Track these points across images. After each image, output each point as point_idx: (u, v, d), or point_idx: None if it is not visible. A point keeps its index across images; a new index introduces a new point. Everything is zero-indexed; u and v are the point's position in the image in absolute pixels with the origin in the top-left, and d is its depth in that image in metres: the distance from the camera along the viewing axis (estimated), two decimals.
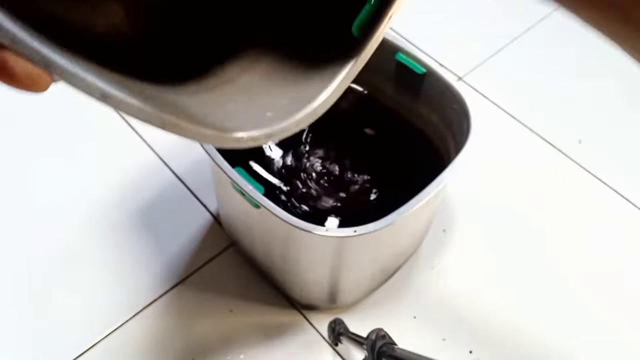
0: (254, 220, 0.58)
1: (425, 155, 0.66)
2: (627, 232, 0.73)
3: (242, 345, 0.63)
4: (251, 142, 0.23)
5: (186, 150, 0.77)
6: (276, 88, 0.26)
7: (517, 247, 0.71)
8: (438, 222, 0.72)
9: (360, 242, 0.53)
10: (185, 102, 0.23)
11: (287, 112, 0.24)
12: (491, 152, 0.79)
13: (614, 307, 0.67)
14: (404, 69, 0.62)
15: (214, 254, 0.69)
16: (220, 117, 0.23)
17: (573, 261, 0.70)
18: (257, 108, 0.25)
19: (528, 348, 0.64)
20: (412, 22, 0.94)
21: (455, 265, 0.69)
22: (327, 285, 0.60)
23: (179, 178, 0.75)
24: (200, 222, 0.72)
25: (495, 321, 0.65)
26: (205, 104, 0.24)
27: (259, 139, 0.23)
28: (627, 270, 0.70)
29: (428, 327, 0.65)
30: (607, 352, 0.64)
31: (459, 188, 0.75)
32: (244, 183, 0.50)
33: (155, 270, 0.68)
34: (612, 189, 0.76)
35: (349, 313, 0.65)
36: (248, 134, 0.23)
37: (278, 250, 0.60)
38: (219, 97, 0.25)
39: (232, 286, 0.67)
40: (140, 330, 0.63)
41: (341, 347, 0.62)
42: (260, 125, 0.23)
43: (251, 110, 0.25)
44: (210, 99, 0.24)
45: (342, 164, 0.68)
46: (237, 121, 0.23)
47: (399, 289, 0.67)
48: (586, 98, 0.84)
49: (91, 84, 0.18)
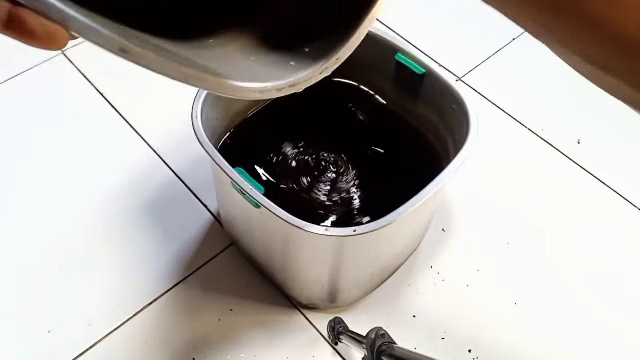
0: (254, 220, 0.58)
1: (424, 155, 0.66)
2: (626, 232, 0.73)
3: (242, 344, 0.63)
4: (275, 92, 0.23)
5: (186, 150, 0.77)
6: (295, 41, 0.25)
7: (517, 246, 0.71)
8: (438, 222, 0.72)
9: (360, 241, 0.53)
10: (204, 58, 0.23)
11: (310, 60, 0.24)
12: (490, 152, 0.79)
13: (614, 308, 0.67)
14: (403, 70, 0.62)
15: (214, 254, 0.69)
16: (242, 71, 0.23)
17: (572, 261, 0.70)
18: (280, 58, 0.24)
19: (527, 348, 0.64)
20: (411, 22, 0.94)
21: (454, 264, 0.70)
22: (327, 284, 0.60)
23: (179, 178, 0.75)
24: (200, 222, 0.72)
25: (494, 321, 0.66)
26: (223, 60, 0.24)
27: (283, 88, 0.23)
28: (627, 271, 0.70)
29: (427, 327, 0.65)
30: (607, 352, 0.64)
31: (458, 188, 0.75)
32: (244, 183, 0.50)
33: (156, 270, 0.68)
34: (612, 189, 0.77)
35: (348, 312, 0.65)
36: (273, 84, 0.23)
37: (278, 250, 0.60)
38: (237, 54, 0.24)
39: (232, 286, 0.67)
40: (141, 330, 0.63)
41: (341, 346, 0.62)
42: (283, 76, 0.23)
43: (273, 61, 0.24)
44: (227, 56, 0.24)
45: (341, 164, 0.68)
46: (259, 74, 0.23)
47: (399, 289, 0.67)
48: (586, 98, 0.84)
49: (109, 37, 0.18)
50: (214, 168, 0.53)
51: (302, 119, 0.70)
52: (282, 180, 0.66)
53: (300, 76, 0.24)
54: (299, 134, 0.69)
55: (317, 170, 0.67)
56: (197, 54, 0.23)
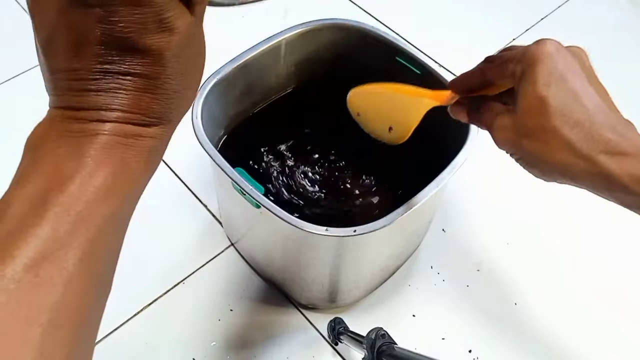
0: (254, 220, 0.58)
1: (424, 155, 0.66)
2: (627, 232, 0.73)
3: (242, 344, 0.63)
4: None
5: (186, 150, 0.77)
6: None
7: (517, 246, 0.71)
8: (438, 222, 0.72)
9: (360, 241, 0.53)
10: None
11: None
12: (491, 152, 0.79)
13: (614, 308, 0.67)
14: (403, 70, 0.62)
15: (214, 254, 0.69)
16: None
17: (573, 261, 0.70)
18: None
19: (527, 347, 0.64)
20: (411, 23, 0.94)
21: (454, 264, 0.70)
22: (327, 284, 0.60)
23: (179, 178, 0.75)
24: (200, 222, 0.72)
25: (494, 320, 0.66)
26: None
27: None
28: (627, 271, 0.70)
29: (427, 326, 0.65)
30: (607, 352, 0.64)
31: (459, 188, 0.75)
32: (244, 183, 0.50)
33: (155, 270, 0.68)
34: None
35: (348, 312, 0.65)
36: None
37: (278, 250, 0.60)
38: None
39: (232, 286, 0.67)
40: (141, 330, 0.63)
41: (341, 346, 0.62)
42: None
43: None
44: None
45: (340, 164, 0.68)
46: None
47: (399, 289, 0.67)
48: None
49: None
50: (214, 168, 0.53)
51: (302, 119, 0.70)
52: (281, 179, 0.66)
53: None
54: (298, 134, 0.69)
55: (316, 169, 0.67)
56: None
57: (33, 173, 0.22)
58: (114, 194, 0.22)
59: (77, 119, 0.22)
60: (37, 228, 0.20)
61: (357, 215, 0.64)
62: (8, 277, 0.19)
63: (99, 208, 0.22)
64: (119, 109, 0.22)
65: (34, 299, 0.20)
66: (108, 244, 0.23)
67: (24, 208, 0.21)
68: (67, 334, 0.21)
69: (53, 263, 0.20)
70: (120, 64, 0.21)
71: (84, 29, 0.21)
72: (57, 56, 0.22)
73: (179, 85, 0.23)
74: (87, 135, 0.22)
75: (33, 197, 0.21)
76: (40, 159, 0.22)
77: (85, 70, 0.21)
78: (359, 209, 0.65)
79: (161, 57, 0.22)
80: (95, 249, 0.22)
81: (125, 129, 0.22)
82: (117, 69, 0.21)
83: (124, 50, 0.21)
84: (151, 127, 0.23)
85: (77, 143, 0.22)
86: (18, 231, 0.20)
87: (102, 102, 0.22)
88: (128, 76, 0.22)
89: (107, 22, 0.20)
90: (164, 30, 0.21)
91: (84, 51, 0.21)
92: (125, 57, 0.21)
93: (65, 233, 0.21)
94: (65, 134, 0.22)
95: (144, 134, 0.23)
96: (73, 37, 0.21)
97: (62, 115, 0.22)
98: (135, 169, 0.23)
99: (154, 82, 0.22)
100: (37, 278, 0.20)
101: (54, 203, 0.21)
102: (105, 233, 0.22)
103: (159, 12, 0.21)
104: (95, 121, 0.22)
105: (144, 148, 0.23)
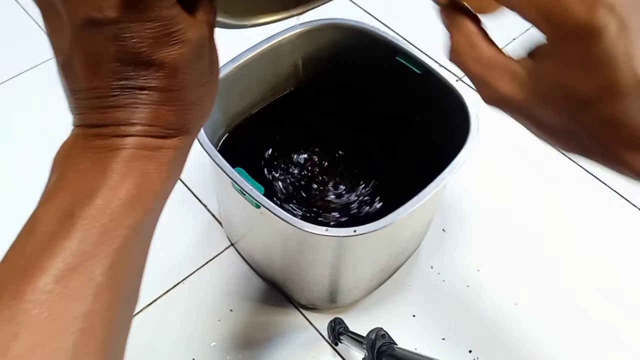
0: (254, 220, 0.58)
1: (424, 156, 0.66)
2: (627, 232, 0.73)
3: (242, 344, 0.63)
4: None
5: None
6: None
7: (517, 247, 0.71)
8: (438, 222, 0.72)
9: (360, 242, 0.53)
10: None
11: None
12: (491, 152, 0.79)
13: (614, 308, 0.67)
14: (403, 70, 0.62)
15: (214, 254, 0.69)
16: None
17: (572, 260, 0.70)
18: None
19: (527, 348, 0.64)
20: (411, 22, 0.94)
21: (454, 264, 0.69)
22: (327, 285, 0.60)
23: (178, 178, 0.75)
24: (200, 222, 0.72)
25: (494, 321, 0.66)
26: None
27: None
28: (627, 271, 0.70)
29: (427, 327, 0.65)
30: (607, 352, 0.64)
31: (459, 188, 0.75)
32: (244, 183, 0.50)
33: (155, 270, 0.68)
34: (612, 189, 0.77)
35: (349, 312, 0.65)
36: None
37: (278, 250, 0.60)
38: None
39: (232, 286, 0.67)
40: (140, 330, 0.63)
41: (341, 346, 0.62)
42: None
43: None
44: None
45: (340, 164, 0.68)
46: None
47: (399, 289, 0.67)
48: None
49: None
50: (214, 168, 0.53)
51: (301, 119, 0.70)
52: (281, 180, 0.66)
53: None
54: (298, 134, 0.69)
55: (316, 170, 0.67)
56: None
57: (59, 190, 0.23)
58: (137, 205, 0.23)
59: (99, 136, 0.23)
60: (65, 241, 0.21)
61: (357, 215, 0.64)
62: (39, 289, 0.20)
63: (124, 219, 0.22)
64: (138, 122, 0.23)
65: (65, 309, 0.20)
66: (134, 253, 0.24)
67: (52, 223, 0.22)
68: (98, 343, 0.21)
69: (82, 274, 0.21)
70: (136, 79, 0.22)
71: (99, 47, 0.21)
72: (77, 76, 0.22)
73: (195, 96, 0.24)
74: (109, 150, 0.23)
75: (60, 212, 0.22)
76: (65, 176, 0.23)
77: (104, 87, 0.22)
78: (359, 209, 0.65)
79: (175, 69, 0.22)
80: (122, 259, 0.22)
81: (145, 142, 0.23)
82: (133, 84, 0.22)
83: (139, 65, 0.22)
84: (170, 139, 0.24)
85: (100, 158, 0.23)
86: (47, 245, 0.21)
87: (122, 117, 0.22)
88: (145, 90, 0.22)
89: (120, 39, 0.21)
90: (176, 42, 0.22)
91: (100, 69, 0.22)
92: (140, 72, 0.22)
93: (92, 245, 0.21)
94: (89, 150, 0.23)
95: (164, 145, 0.24)
96: (89, 56, 0.22)
97: (84, 133, 0.23)
98: (157, 180, 0.24)
99: (169, 95, 0.23)
100: (67, 289, 0.20)
101: (80, 216, 0.21)
102: (131, 243, 0.23)
103: (168, 25, 0.21)
104: (116, 136, 0.23)
105: (165, 159, 0.24)
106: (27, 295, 0.20)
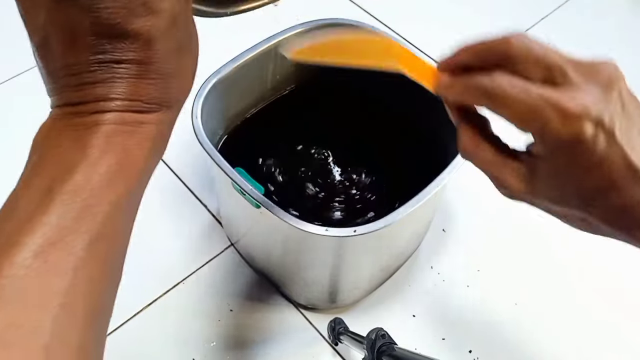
0: (254, 220, 0.58)
1: (424, 156, 0.66)
2: None
3: (242, 344, 0.63)
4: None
5: (186, 150, 0.77)
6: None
7: (517, 247, 0.71)
8: (438, 222, 0.72)
9: (360, 242, 0.53)
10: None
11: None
12: None
13: (614, 308, 0.67)
14: None
15: (214, 254, 0.69)
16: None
17: (573, 261, 0.70)
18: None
19: (527, 348, 0.64)
20: (411, 22, 0.94)
21: (454, 264, 0.69)
22: (327, 285, 0.60)
23: (178, 178, 0.75)
24: (200, 222, 0.72)
25: (494, 321, 0.66)
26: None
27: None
28: (627, 271, 0.70)
29: (428, 327, 0.65)
30: (607, 352, 0.64)
31: (459, 188, 0.75)
32: (244, 183, 0.50)
33: (155, 270, 0.68)
34: None
35: (348, 312, 0.65)
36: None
37: (278, 250, 0.60)
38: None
39: (232, 286, 0.67)
40: (140, 330, 0.63)
41: (341, 346, 0.62)
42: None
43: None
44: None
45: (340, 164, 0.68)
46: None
47: (399, 289, 0.67)
48: None
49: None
50: (214, 168, 0.53)
51: (301, 119, 0.70)
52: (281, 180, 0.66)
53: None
54: (298, 134, 0.69)
55: (316, 169, 0.67)
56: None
57: (39, 168, 0.23)
58: (119, 181, 0.23)
59: (78, 114, 0.22)
60: (44, 216, 0.21)
61: (356, 215, 0.64)
62: (18, 264, 0.20)
63: (105, 195, 0.22)
64: (117, 97, 0.22)
65: (45, 285, 0.20)
66: (116, 229, 0.23)
67: (32, 200, 0.21)
68: (79, 319, 0.21)
69: (61, 249, 0.21)
70: (112, 52, 0.22)
71: (74, 22, 0.21)
72: (53, 55, 0.22)
73: (174, 68, 0.24)
74: (88, 127, 0.22)
75: (40, 190, 0.22)
76: (45, 155, 0.23)
77: (81, 63, 0.22)
78: (359, 209, 0.65)
79: (150, 40, 0.22)
80: (103, 234, 0.22)
81: (125, 117, 0.23)
82: (110, 57, 0.22)
83: (114, 38, 0.22)
84: (151, 114, 0.24)
85: (80, 136, 0.22)
86: (26, 220, 0.21)
87: (100, 93, 0.22)
88: (122, 64, 0.22)
89: (94, 10, 0.21)
90: (149, 13, 0.22)
91: (76, 45, 0.22)
92: (116, 45, 0.22)
93: (72, 220, 0.21)
94: (68, 129, 0.22)
95: (145, 120, 0.23)
96: (64, 32, 0.22)
97: (63, 113, 0.23)
98: (139, 156, 0.24)
99: (147, 67, 0.23)
100: (47, 264, 0.20)
101: (59, 192, 0.21)
102: (113, 219, 0.23)
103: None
104: (95, 112, 0.22)
105: (147, 135, 0.24)
106: (5, 270, 0.20)
